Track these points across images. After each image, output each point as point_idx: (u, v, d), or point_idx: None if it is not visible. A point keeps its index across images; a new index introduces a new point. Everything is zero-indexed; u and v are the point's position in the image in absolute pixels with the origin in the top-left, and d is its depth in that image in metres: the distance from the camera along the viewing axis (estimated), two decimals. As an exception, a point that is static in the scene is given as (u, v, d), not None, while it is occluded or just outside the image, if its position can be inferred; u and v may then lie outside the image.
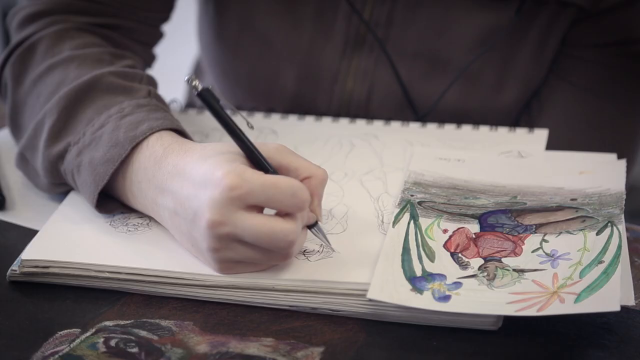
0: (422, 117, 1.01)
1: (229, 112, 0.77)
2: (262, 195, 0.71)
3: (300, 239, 0.74)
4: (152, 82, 0.88)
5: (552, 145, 0.94)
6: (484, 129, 0.96)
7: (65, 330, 0.72)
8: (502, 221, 0.81)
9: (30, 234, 0.80)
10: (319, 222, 0.76)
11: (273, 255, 0.73)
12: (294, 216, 0.72)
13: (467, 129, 0.96)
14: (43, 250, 0.77)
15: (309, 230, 0.76)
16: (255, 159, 0.75)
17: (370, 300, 0.72)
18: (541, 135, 0.95)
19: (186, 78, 0.76)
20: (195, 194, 0.72)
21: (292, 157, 0.76)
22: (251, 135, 0.77)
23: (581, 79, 1.03)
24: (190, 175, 0.73)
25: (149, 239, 0.79)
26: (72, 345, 0.71)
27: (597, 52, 1.01)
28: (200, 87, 0.76)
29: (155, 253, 0.77)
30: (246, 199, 0.71)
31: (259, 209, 0.72)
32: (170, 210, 0.76)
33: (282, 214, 0.73)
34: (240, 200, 0.71)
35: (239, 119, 0.78)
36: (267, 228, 0.71)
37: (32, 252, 0.77)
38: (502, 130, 0.96)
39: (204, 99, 0.75)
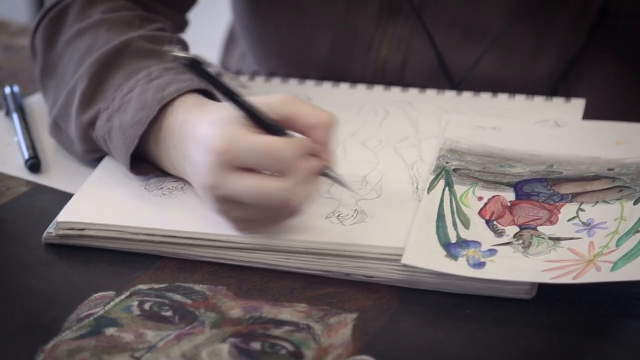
0: (457, 85, 1.00)
1: (223, 76, 0.76)
2: (249, 158, 0.72)
3: (300, 193, 0.73)
4: (182, 45, 0.88)
5: (589, 115, 0.93)
6: (520, 98, 0.95)
7: (100, 293, 0.73)
8: (538, 190, 0.80)
9: (65, 197, 0.80)
10: (333, 169, 0.75)
11: (276, 212, 0.73)
12: (286, 173, 0.72)
13: (502, 97, 0.96)
14: (78, 213, 0.77)
15: (336, 183, 0.76)
16: (255, 118, 0.74)
17: (405, 265, 0.72)
18: (578, 104, 0.94)
19: (170, 51, 0.75)
20: (200, 159, 0.73)
21: (297, 107, 0.75)
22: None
23: (620, 50, 1.02)
24: (199, 140, 0.74)
25: (184, 203, 0.79)
26: (106, 308, 0.71)
27: (637, 23, 1.00)
28: (186, 56, 0.74)
29: (189, 216, 0.77)
30: (234, 162, 0.72)
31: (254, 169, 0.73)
32: (191, 176, 0.76)
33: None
34: (229, 163, 0.72)
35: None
36: (257, 188, 0.72)
37: (68, 214, 0.77)
38: (539, 100, 0.95)
39: (194, 69, 0.74)
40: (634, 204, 0.77)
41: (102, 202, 0.79)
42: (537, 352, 0.68)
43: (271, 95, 0.76)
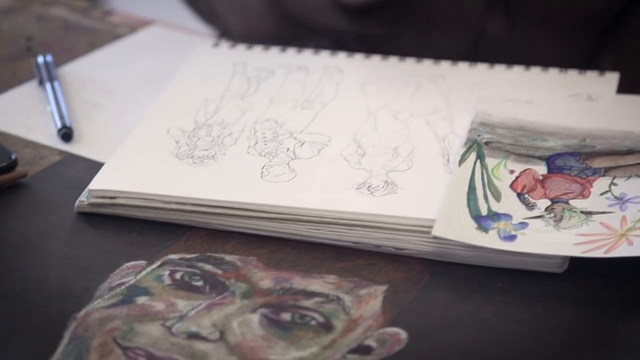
0: (512, 16, 0.98)
1: None
2: None
3: None
4: None
5: (623, 89, 0.92)
6: (553, 71, 0.95)
7: (132, 262, 0.73)
8: (570, 163, 0.80)
9: (97, 166, 0.81)
10: None
11: None
12: None
13: (536, 70, 0.95)
14: (110, 181, 0.78)
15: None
16: None
17: (435, 237, 0.72)
18: (612, 78, 0.93)
19: None
20: None
21: None
22: (316, 73, 0.76)
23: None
24: None
25: (215, 171, 0.79)
26: (138, 277, 0.72)
27: None
28: None
29: (220, 185, 0.77)
30: None
31: None
32: None
33: None
34: None
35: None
36: None
37: (99, 182, 0.78)
38: (572, 73, 0.94)
39: None
40: (668, 178, 0.76)
41: (133, 170, 0.80)
42: (568, 326, 0.68)
43: None
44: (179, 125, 0.85)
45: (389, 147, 0.82)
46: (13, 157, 0.81)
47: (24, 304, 0.69)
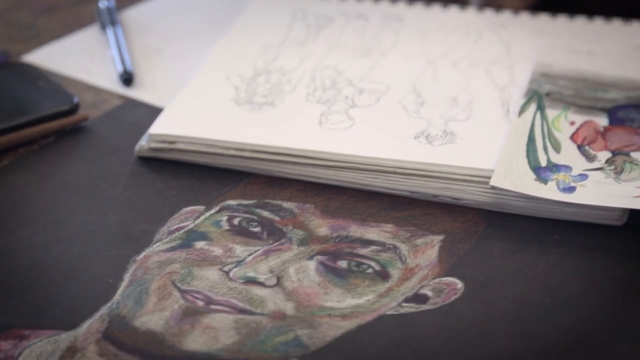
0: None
1: None
2: None
3: None
4: None
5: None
6: (617, 22, 0.93)
7: (190, 207, 0.74)
8: (632, 116, 0.79)
9: (157, 111, 0.81)
10: None
11: None
12: None
13: (599, 21, 0.93)
14: (170, 126, 0.78)
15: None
16: None
17: (493, 188, 0.72)
18: (677, 29, 0.92)
19: None
20: None
21: None
22: (375, 21, 0.75)
23: None
24: None
25: (273, 118, 0.79)
26: (196, 222, 0.72)
27: None
28: None
29: (278, 132, 0.78)
30: None
31: None
32: None
33: None
34: None
35: None
36: None
37: (160, 127, 0.78)
38: (636, 24, 0.93)
39: None
40: None
41: (193, 115, 0.80)
42: (626, 279, 0.68)
43: None
44: (239, 71, 0.85)
45: (448, 97, 0.82)
46: (75, 101, 0.82)
47: (84, 246, 0.70)
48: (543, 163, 0.73)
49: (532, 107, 0.79)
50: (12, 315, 0.65)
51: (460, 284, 0.67)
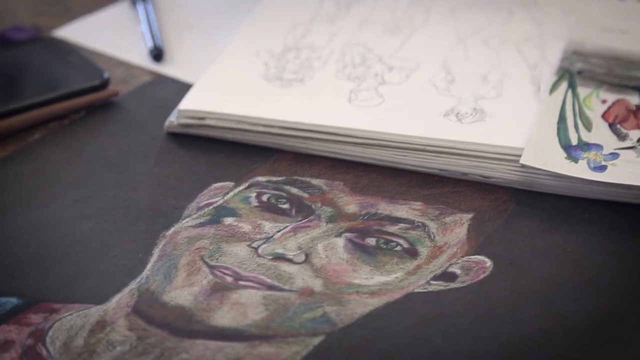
0: None
1: None
2: None
3: None
4: None
5: None
6: (651, 0, 0.93)
7: (220, 183, 0.74)
8: (665, 94, 0.78)
9: (187, 87, 0.81)
10: None
11: None
12: None
13: (631, 0, 0.93)
14: (199, 102, 0.78)
15: None
16: None
17: (523, 166, 0.71)
18: None
19: None
20: None
21: None
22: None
23: None
24: None
25: (302, 94, 0.79)
26: (225, 198, 0.72)
27: None
28: None
29: (308, 108, 0.78)
30: None
31: None
32: None
33: None
34: None
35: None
36: None
37: (189, 103, 0.78)
38: (670, 2, 0.92)
39: None
40: None
41: (222, 91, 0.80)
42: (656, 259, 0.68)
43: None
44: (268, 47, 0.85)
45: (479, 74, 0.81)
46: (105, 76, 0.83)
47: (114, 221, 0.71)
48: (574, 141, 0.73)
49: (564, 85, 0.79)
50: (42, 288, 0.65)
51: (489, 263, 0.67)
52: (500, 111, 0.77)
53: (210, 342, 0.62)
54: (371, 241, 0.68)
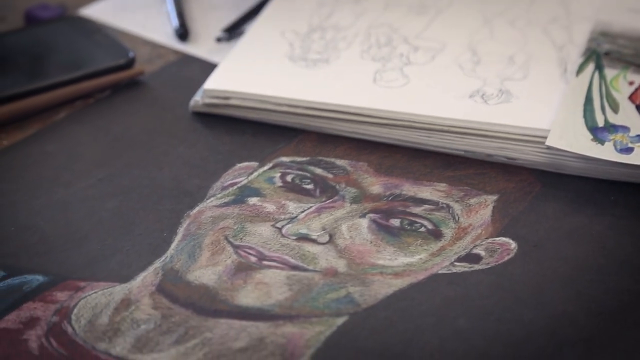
0: None
1: None
2: None
3: None
4: None
5: None
6: (679, -19, 0.92)
7: (244, 163, 0.74)
8: (693, 77, 0.77)
9: (212, 67, 0.82)
10: None
11: None
12: None
13: (660, -20, 0.92)
14: (224, 81, 0.78)
15: None
16: None
17: (549, 148, 0.71)
18: None
19: None
20: None
21: None
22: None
23: None
24: None
25: (327, 75, 0.79)
26: (250, 178, 0.73)
27: None
28: None
29: (332, 88, 0.77)
30: None
31: None
32: None
33: None
34: None
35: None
36: None
37: (214, 82, 0.78)
38: (699, -17, 0.91)
39: None
40: None
41: (247, 71, 0.80)
42: (682, 242, 0.67)
43: None
44: (293, 27, 0.85)
45: (505, 55, 0.81)
46: (131, 55, 0.83)
47: (139, 200, 0.71)
48: (600, 123, 0.73)
49: (590, 66, 0.78)
50: (68, 266, 0.66)
51: (513, 245, 0.67)
52: (526, 93, 0.76)
53: (234, 321, 0.62)
54: (395, 222, 0.68)
